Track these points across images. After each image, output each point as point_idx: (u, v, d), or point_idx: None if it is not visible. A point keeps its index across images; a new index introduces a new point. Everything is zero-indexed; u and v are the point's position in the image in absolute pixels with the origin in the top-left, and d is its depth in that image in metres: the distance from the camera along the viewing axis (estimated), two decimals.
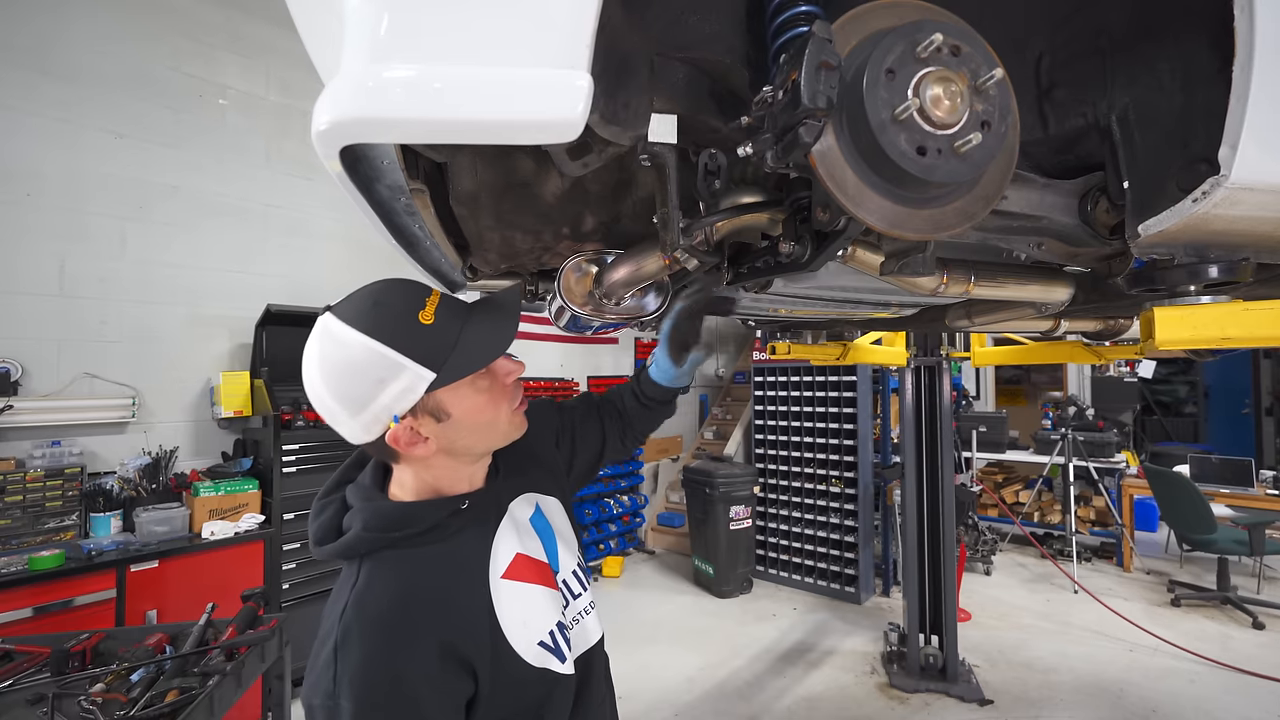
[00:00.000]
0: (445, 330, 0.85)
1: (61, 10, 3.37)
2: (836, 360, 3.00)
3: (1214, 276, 0.81)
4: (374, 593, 0.83)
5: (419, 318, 0.84)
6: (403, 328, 0.83)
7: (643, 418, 1.35)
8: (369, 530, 0.86)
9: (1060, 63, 0.91)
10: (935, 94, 0.62)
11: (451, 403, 0.87)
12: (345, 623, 0.80)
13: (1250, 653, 4.00)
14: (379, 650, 0.78)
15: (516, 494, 1.05)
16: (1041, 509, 6.25)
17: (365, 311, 0.83)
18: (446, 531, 0.90)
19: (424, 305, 0.86)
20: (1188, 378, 10.13)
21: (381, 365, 0.81)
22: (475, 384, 0.89)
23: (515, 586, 0.93)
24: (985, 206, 0.73)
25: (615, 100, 0.74)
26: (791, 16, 0.76)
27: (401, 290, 0.88)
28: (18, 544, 2.92)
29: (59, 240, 3.34)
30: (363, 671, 0.76)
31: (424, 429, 0.86)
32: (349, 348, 0.81)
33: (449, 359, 0.84)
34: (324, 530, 0.92)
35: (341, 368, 0.82)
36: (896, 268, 0.87)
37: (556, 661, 0.93)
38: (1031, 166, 0.98)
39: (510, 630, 0.88)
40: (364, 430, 0.85)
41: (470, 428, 0.90)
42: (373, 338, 0.81)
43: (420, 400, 0.84)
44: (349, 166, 0.72)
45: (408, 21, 0.56)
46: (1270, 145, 0.66)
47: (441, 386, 0.84)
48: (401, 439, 0.85)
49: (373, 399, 0.82)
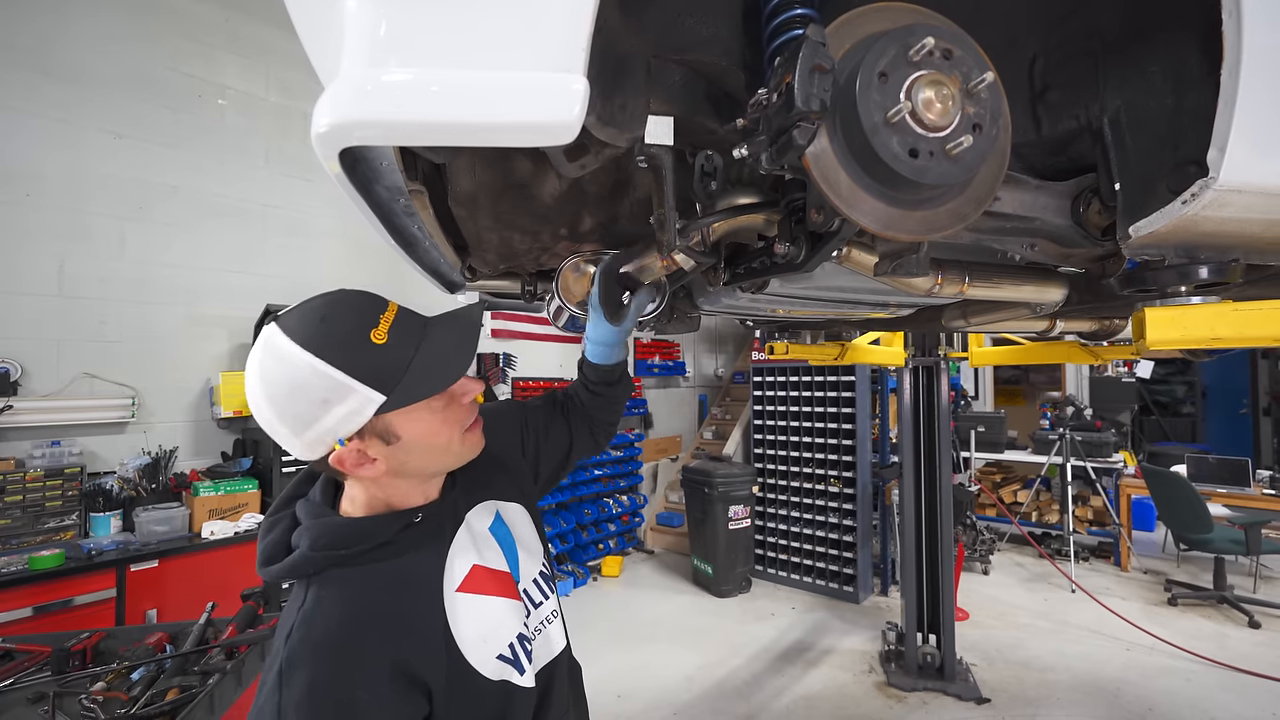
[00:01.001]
0: (398, 350, 0.80)
1: (62, 11, 3.38)
2: (835, 360, 3.01)
3: (1204, 277, 0.82)
4: (321, 614, 0.79)
5: (370, 336, 0.79)
6: (352, 348, 0.78)
7: (600, 406, 1.30)
8: (315, 549, 0.82)
9: (1053, 65, 0.92)
10: (927, 97, 0.63)
11: (402, 425, 0.82)
12: (290, 647, 0.76)
13: (1246, 651, 4.01)
14: (326, 675, 0.74)
15: (474, 503, 1.01)
16: (1039, 509, 6.26)
17: (313, 327, 0.78)
18: (398, 547, 0.86)
19: (377, 323, 0.81)
20: (1185, 378, 10.15)
21: (327, 387, 0.76)
22: (429, 405, 0.84)
23: (472, 600, 0.89)
24: (977, 208, 0.74)
25: (612, 102, 0.75)
26: (787, 19, 0.77)
27: (354, 305, 0.83)
28: (18, 544, 2.92)
29: (59, 240, 3.35)
30: (308, 698, 0.72)
31: (372, 450, 0.82)
32: (294, 366, 0.76)
33: (401, 381, 0.79)
34: (273, 549, 0.87)
35: (284, 386, 0.77)
36: (891, 268, 0.88)
37: (515, 673, 0.90)
38: (1025, 168, 0.99)
39: (467, 646, 0.85)
40: (308, 449, 0.81)
41: (421, 450, 0.86)
42: (319, 357, 0.76)
43: (368, 423, 0.79)
44: (348, 168, 0.72)
45: (406, 25, 0.57)
46: (1258, 148, 0.67)
47: (392, 410, 0.80)
48: (347, 461, 0.81)
49: (316, 420, 0.77)
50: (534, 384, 5.86)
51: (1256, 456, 8.55)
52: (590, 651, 4.07)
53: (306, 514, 0.87)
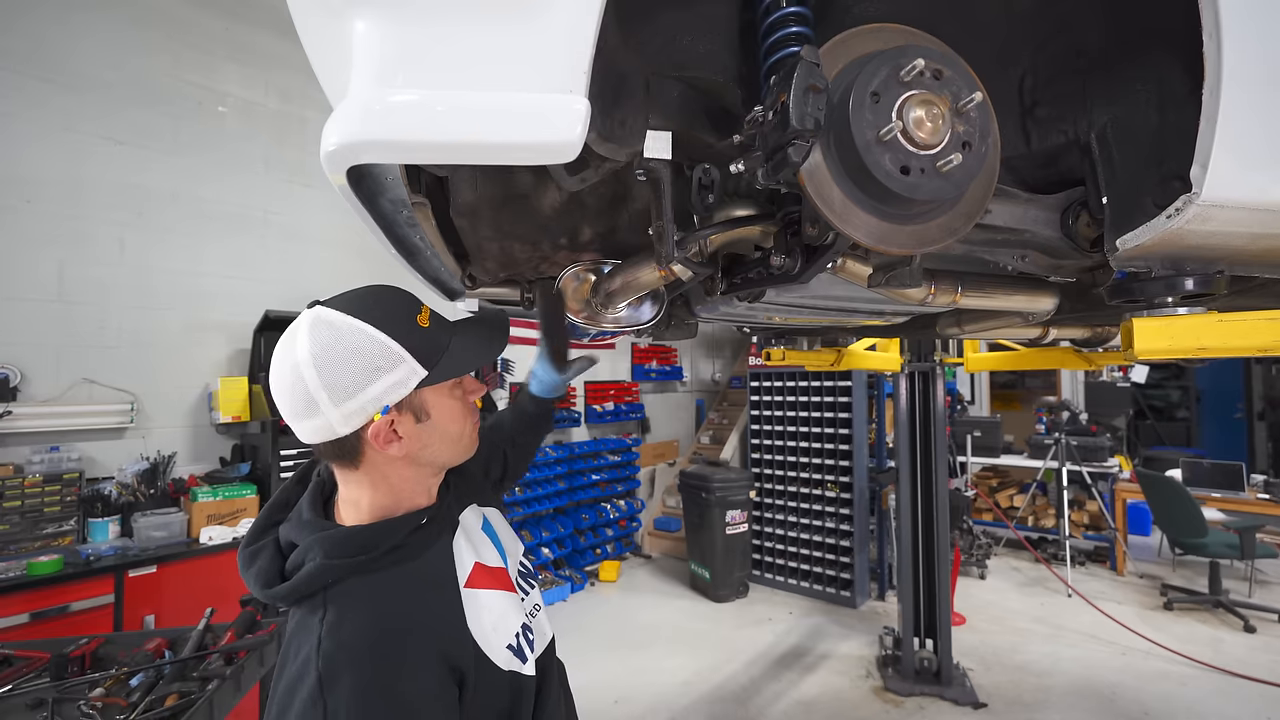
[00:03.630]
0: (438, 334, 0.89)
1: (64, 18, 3.39)
2: (831, 366, 3.03)
3: (1190, 289, 0.84)
4: (352, 624, 0.79)
5: (417, 320, 0.88)
6: (404, 324, 0.86)
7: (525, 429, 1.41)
8: (332, 558, 0.82)
9: (1042, 82, 0.94)
10: (918, 116, 0.65)
11: (433, 404, 0.89)
12: (325, 659, 0.75)
13: (1241, 656, 4.03)
14: (373, 678, 0.75)
15: (464, 506, 1.06)
16: (1035, 513, 6.28)
17: (369, 306, 0.85)
18: (411, 550, 0.88)
19: (420, 310, 0.90)
20: (1180, 383, 10.19)
21: (382, 354, 0.82)
22: (453, 392, 0.92)
23: (480, 594, 0.94)
24: (968, 222, 0.76)
25: (612, 118, 0.77)
26: (782, 38, 0.79)
27: (399, 294, 0.91)
28: (16, 549, 2.92)
29: (58, 246, 3.35)
30: (358, 700, 0.73)
31: (402, 427, 0.86)
32: (352, 334, 0.82)
33: (440, 360, 0.87)
34: (267, 575, 0.86)
35: (340, 353, 0.81)
36: (884, 280, 0.90)
37: (520, 663, 0.94)
38: (1015, 181, 1.01)
39: (482, 637, 0.89)
40: (342, 421, 0.82)
41: (442, 434, 0.91)
42: (377, 328, 0.83)
43: (406, 397, 0.85)
44: (354, 182, 0.74)
45: (413, 47, 0.59)
46: (1239, 164, 0.69)
47: (430, 385, 0.87)
48: (381, 434, 0.84)
49: (363, 388, 0.82)
50: None
51: (1251, 461, 8.58)
52: (587, 656, 4.08)
53: (304, 532, 0.87)
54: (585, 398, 6.53)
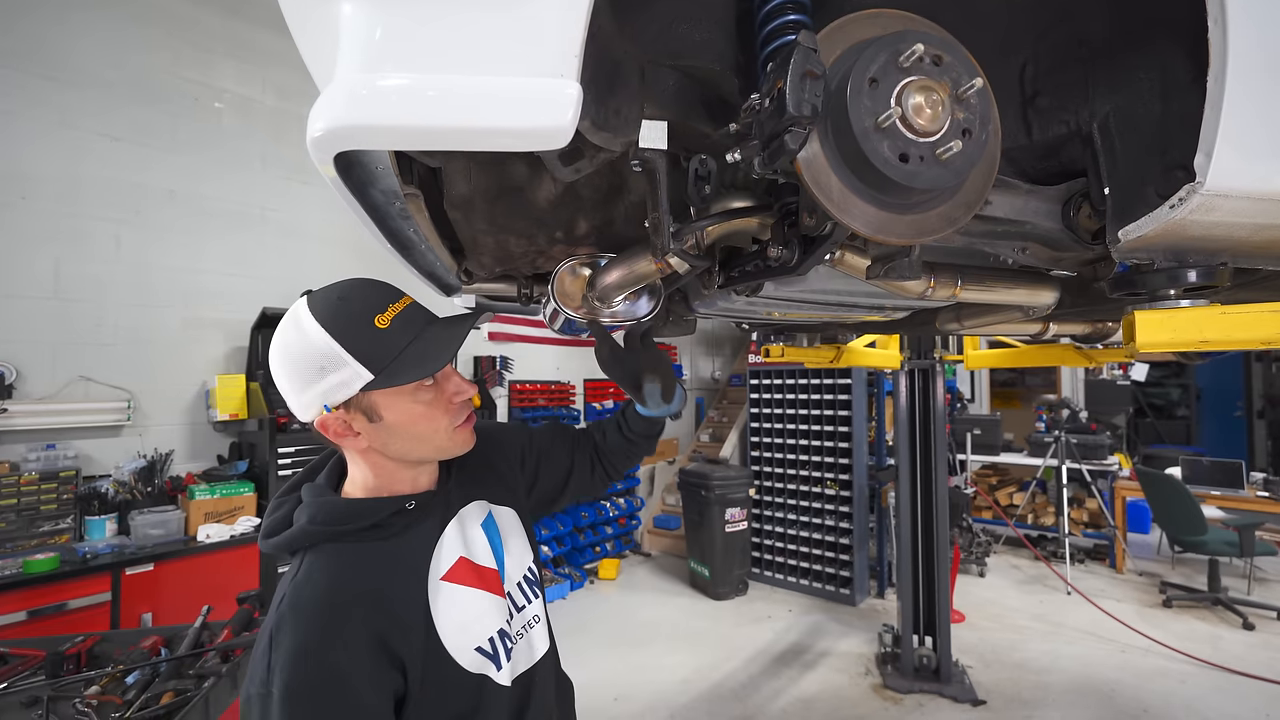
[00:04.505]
0: (396, 337, 0.88)
1: (61, 15, 3.38)
2: (830, 363, 3.02)
3: (1192, 281, 0.83)
4: (310, 582, 0.85)
5: (374, 321, 0.87)
6: (355, 327, 0.87)
7: (621, 451, 1.34)
8: (313, 524, 0.89)
9: (1043, 71, 0.93)
10: (917, 102, 0.64)
11: (385, 406, 0.90)
12: (280, 612, 0.82)
13: (1240, 653, 4.03)
14: (311, 638, 0.79)
15: (468, 500, 1.06)
16: (1035, 511, 6.28)
17: (330, 304, 0.88)
18: (389, 530, 0.92)
19: (384, 309, 0.89)
20: (1180, 381, 10.19)
21: (326, 355, 0.85)
22: (415, 395, 0.91)
23: (456, 589, 0.94)
24: (968, 212, 0.75)
25: (606, 107, 0.75)
26: (779, 25, 0.78)
27: (369, 291, 0.92)
28: (12, 547, 2.91)
29: (54, 243, 3.34)
30: (294, 660, 0.77)
31: (355, 424, 0.90)
32: (304, 333, 0.86)
33: (389, 365, 0.86)
34: (275, 525, 0.94)
35: (294, 348, 0.87)
36: (883, 271, 0.89)
37: (493, 669, 0.92)
38: (1016, 172, 0.99)
39: (446, 632, 0.89)
40: (303, 410, 0.89)
41: (404, 435, 0.92)
42: (327, 330, 0.85)
43: (355, 396, 0.87)
44: (343, 171, 0.73)
45: (400, 30, 0.58)
46: (1244, 153, 0.68)
47: (377, 389, 0.87)
48: (330, 427, 0.89)
49: (312, 384, 0.86)
50: (530, 386, 5.86)
51: (1250, 459, 8.58)
52: (587, 654, 4.07)
53: (310, 494, 0.94)
54: (584, 395, 6.52)
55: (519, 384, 5.78)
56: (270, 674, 0.76)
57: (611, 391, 6.70)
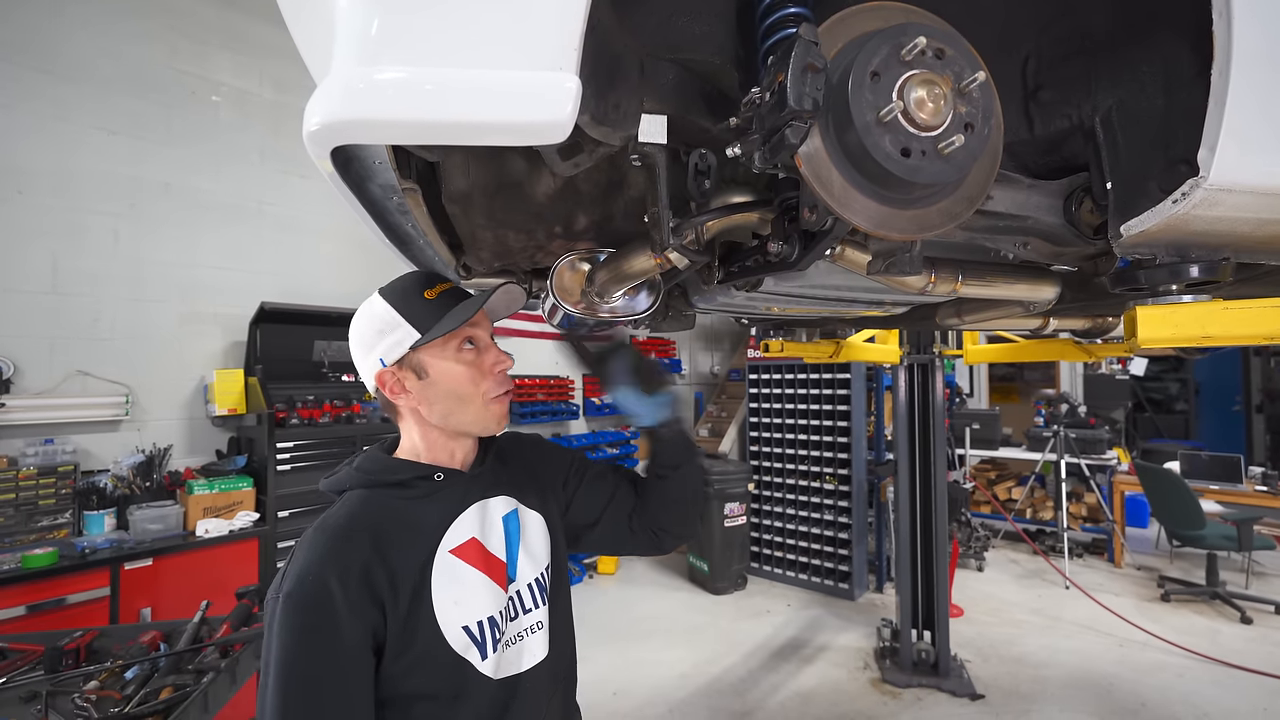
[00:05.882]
0: (440, 306, 1.01)
1: (58, 8, 3.35)
2: (830, 358, 3.02)
3: (1195, 276, 0.83)
4: (335, 515, 0.97)
5: (423, 294, 1.02)
6: (407, 297, 1.02)
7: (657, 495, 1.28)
8: (358, 470, 1.03)
9: (1046, 65, 0.92)
10: (919, 96, 0.63)
11: (431, 364, 1.02)
12: (306, 534, 0.93)
13: (1238, 647, 4.04)
14: (316, 558, 0.89)
15: (497, 492, 1.10)
16: (1034, 505, 6.29)
17: (393, 284, 1.05)
18: (413, 491, 1.02)
19: (433, 286, 1.04)
20: (1179, 375, 10.20)
21: (384, 319, 1.01)
22: (459, 356, 1.04)
23: (460, 565, 0.99)
24: (969, 207, 0.74)
25: (605, 101, 0.75)
26: (780, 18, 0.77)
27: (424, 276, 1.07)
28: (11, 542, 2.91)
29: (51, 237, 3.33)
30: (298, 572, 0.88)
31: (407, 381, 1.02)
32: (371, 305, 1.04)
33: (433, 326, 0.99)
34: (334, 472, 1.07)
35: (362, 320, 1.04)
36: (883, 266, 0.88)
37: (478, 656, 0.94)
38: (1018, 167, 0.99)
39: (439, 601, 0.94)
40: (367, 370, 1.03)
41: (445, 393, 1.03)
42: (385, 300, 1.03)
43: (406, 355, 1.01)
44: (340, 166, 0.72)
45: (397, 24, 0.57)
46: (1248, 148, 0.67)
47: (423, 345, 1.00)
48: (387, 383, 1.02)
49: (373, 345, 1.02)
50: (529, 381, 5.86)
51: (1249, 453, 8.60)
52: (585, 648, 4.03)
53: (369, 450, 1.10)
54: (584, 390, 6.52)
55: (518, 379, 5.78)
56: (282, 581, 0.88)
57: None
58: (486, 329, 1.10)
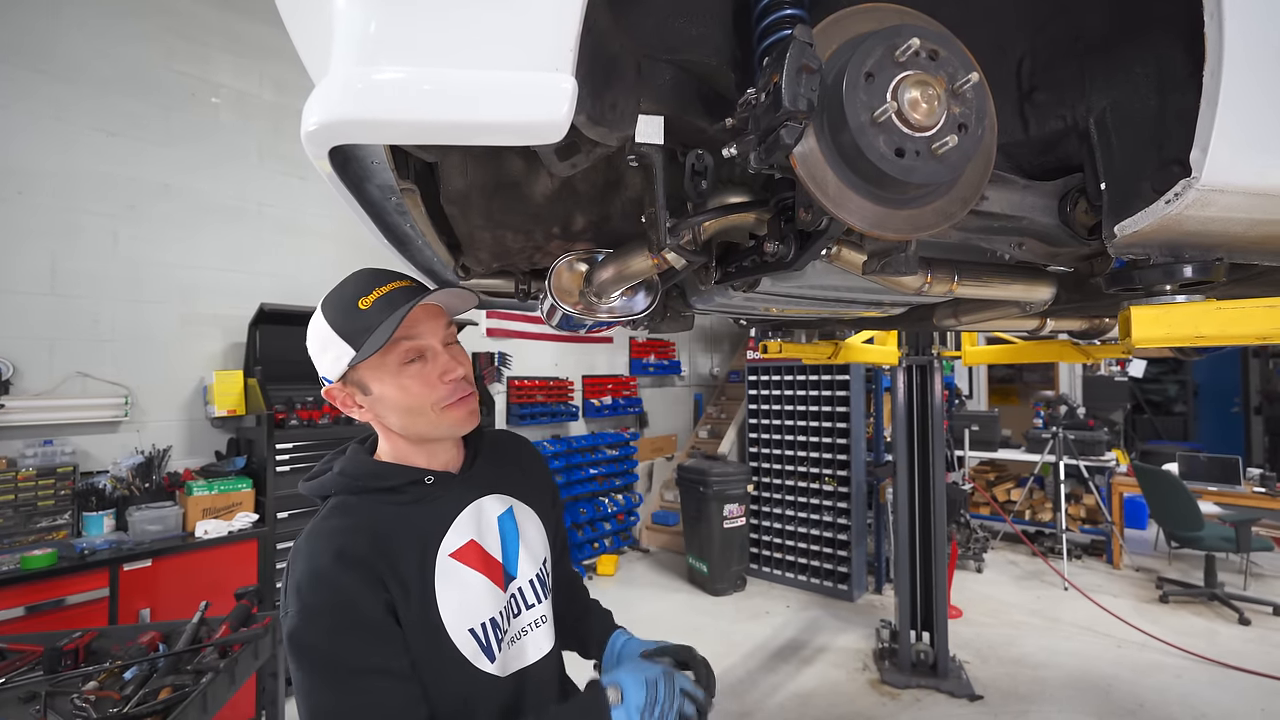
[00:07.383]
0: (374, 317, 0.94)
1: (55, 9, 3.36)
2: (828, 359, 3.02)
3: (1188, 276, 0.83)
4: (328, 521, 0.94)
5: (358, 303, 0.95)
6: (341, 309, 0.96)
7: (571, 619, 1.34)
8: (343, 475, 1.00)
9: (1040, 66, 0.93)
10: (913, 97, 0.64)
11: (372, 380, 0.98)
12: (298, 545, 0.91)
13: (1236, 648, 4.04)
14: (324, 563, 0.87)
15: (491, 491, 1.09)
16: (1033, 507, 6.29)
17: (333, 291, 0.99)
18: (406, 498, 0.99)
19: (369, 292, 0.96)
20: (1178, 377, 10.21)
21: (322, 335, 0.96)
22: (401, 371, 0.97)
23: (461, 569, 0.98)
24: (964, 207, 0.75)
25: (602, 101, 0.75)
26: (776, 20, 0.78)
27: (365, 277, 0.99)
28: (10, 543, 2.91)
29: (51, 239, 3.33)
30: (307, 580, 0.86)
31: (355, 397, 0.99)
32: (315, 316, 0.98)
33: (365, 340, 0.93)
34: (317, 473, 1.04)
35: (309, 331, 0.99)
36: (879, 267, 0.89)
37: (485, 659, 0.95)
38: (1013, 167, 0.99)
39: (445, 606, 0.93)
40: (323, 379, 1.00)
41: (393, 408, 0.99)
42: (322, 312, 0.97)
43: (348, 371, 0.96)
44: (339, 166, 0.72)
45: (395, 24, 0.57)
46: (1240, 148, 0.68)
47: (359, 363, 0.94)
48: (335, 397, 0.99)
49: (319, 361, 0.98)
50: (529, 382, 5.86)
51: (1247, 455, 8.61)
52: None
53: (349, 452, 1.06)
54: (583, 391, 6.52)
55: (517, 380, 5.78)
56: (287, 596, 0.86)
57: (610, 388, 6.70)
58: (435, 332, 1.01)
